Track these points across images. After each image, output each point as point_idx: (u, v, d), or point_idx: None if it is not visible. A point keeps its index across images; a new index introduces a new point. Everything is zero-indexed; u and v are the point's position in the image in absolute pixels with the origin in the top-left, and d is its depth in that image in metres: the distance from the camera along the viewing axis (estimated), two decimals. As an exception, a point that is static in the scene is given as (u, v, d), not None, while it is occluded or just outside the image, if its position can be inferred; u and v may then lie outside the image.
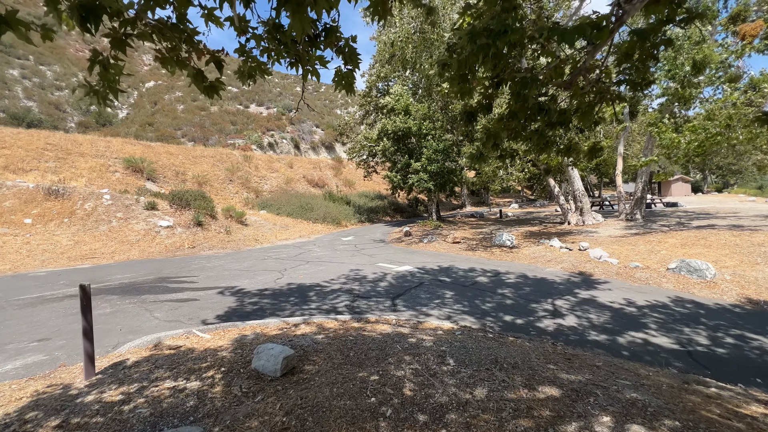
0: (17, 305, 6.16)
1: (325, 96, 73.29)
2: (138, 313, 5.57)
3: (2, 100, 40.65)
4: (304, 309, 5.87)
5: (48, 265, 10.08)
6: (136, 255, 11.66)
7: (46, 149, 18.48)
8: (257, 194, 24.43)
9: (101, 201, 14.13)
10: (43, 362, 3.82)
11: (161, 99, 53.58)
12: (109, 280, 8.08)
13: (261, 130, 46.02)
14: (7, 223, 12.08)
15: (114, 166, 19.59)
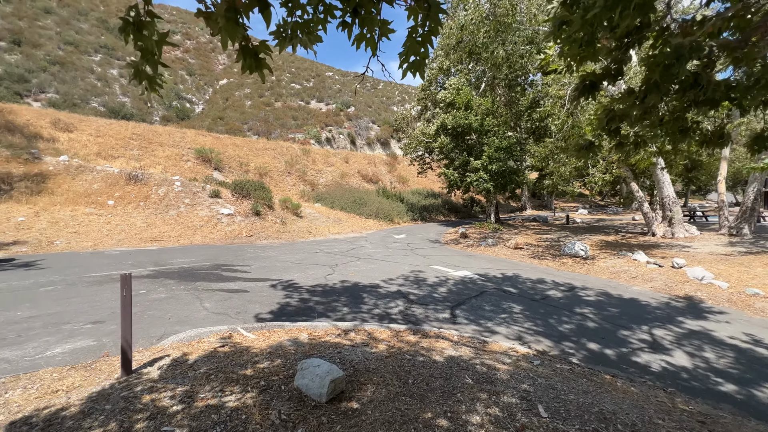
0: (87, 282, 6.45)
1: (383, 93, 73.47)
2: (189, 302, 5.47)
3: (103, 96, 46.13)
4: (355, 312, 5.38)
5: (122, 244, 10.82)
6: (198, 240, 12.16)
7: (132, 138, 20.31)
8: (313, 187, 24.85)
9: (173, 187, 15.06)
10: (90, 348, 3.71)
11: (232, 95, 57.37)
12: (170, 264, 8.33)
13: (320, 125, 47.20)
14: (94, 203, 13.29)
15: (187, 155, 21.00)
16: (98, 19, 59.64)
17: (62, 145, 16.97)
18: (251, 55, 1.98)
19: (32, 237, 10.30)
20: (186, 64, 65.14)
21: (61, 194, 13.23)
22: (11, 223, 10.75)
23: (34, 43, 47.11)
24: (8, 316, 4.66)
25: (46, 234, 10.64)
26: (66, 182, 13.90)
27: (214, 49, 74.48)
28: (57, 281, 6.48)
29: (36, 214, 11.61)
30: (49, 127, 17.85)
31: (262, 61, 2.02)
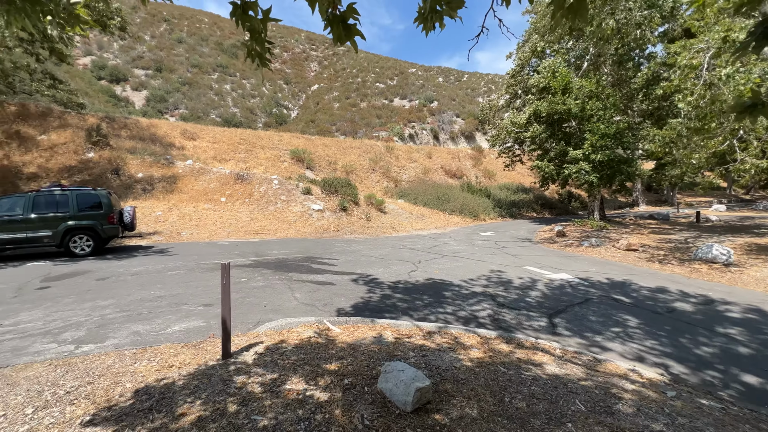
0: (202, 269, 7.37)
1: (467, 85, 70.81)
2: (282, 291, 5.82)
3: (219, 108, 53.48)
4: (439, 312, 5.10)
5: (231, 236, 12.26)
6: (292, 234, 13.15)
7: (239, 143, 23.03)
8: (396, 183, 25.09)
9: (271, 185, 16.59)
10: (200, 329, 4.13)
11: (322, 99, 61.39)
12: (268, 255, 9.10)
13: (403, 122, 47.55)
14: (210, 200, 15.36)
15: (283, 156, 23.01)
16: (216, 43, 69.27)
17: (188, 151, 20.03)
18: (338, 22, 1.86)
19: (166, 228, 12.31)
20: (284, 74, 71.78)
21: (187, 192, 15.59)
22: (152, 217, 13.01)
23: (170, 68, 56.82)
24: (144, 294, 5.51)
25: (176, 226, 12.62)
26: (190, 182, 16.34)
27: (307, 58, 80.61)
28: (180, 267, 7.55)
29: (169, 210, 13.87)
30: (179, 137, 21.24)
31: (352, 27, 1.88)
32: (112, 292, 5.65)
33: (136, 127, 20.48)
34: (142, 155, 17.17)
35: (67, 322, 4.33)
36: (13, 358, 3.37)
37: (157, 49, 60.05)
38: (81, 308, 4.84)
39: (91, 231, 8.70)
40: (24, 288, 5.89)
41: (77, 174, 15.33)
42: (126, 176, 15.81)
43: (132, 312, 4.70)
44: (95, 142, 17.13)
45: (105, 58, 53.89)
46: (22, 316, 4.53)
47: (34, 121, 17.82)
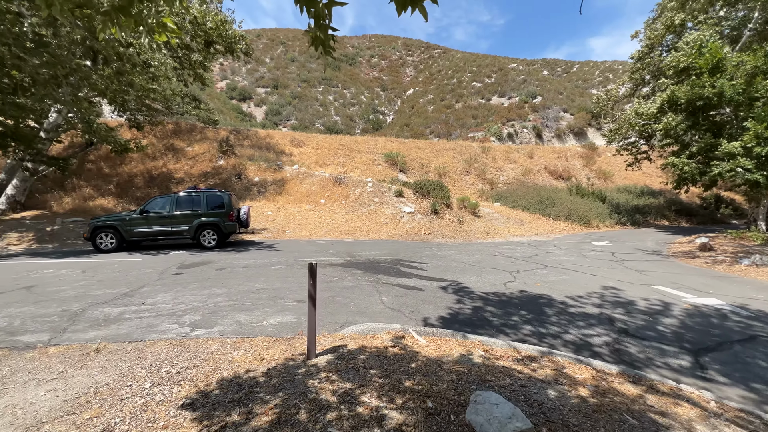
0: (300, 265, 7.87)
1: (578, 76, 63.39)
2: (370, 293, 5.79)
3: (323, 117, 58.31)
4: (542, 332, 4.41)
5: (328, 235, 13.01)
6: (384, 235, 13.34)
7: (339, 149, 24.58)
8: (492, 186, 23.67)
9: (366, 188, 17.19)
10: (291, 325, 4.29)
11: (417, 103, 61.97)
12: (359, 255, 9.32)
13: (501, 121, 44.92)
14: (311, 201, 16.63)
15: (377, 160, 23.75)
16: (327, 63, 75.67)
17: (295, 157, 22.13)
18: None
19: (274, 226, 13.70)
20: (381, 81, 74.72)
21: (293, 194, 17.18)
22: (263, 216, 14.64)
23: (284, 85, 64.19)
24: (250, 286, 6.07)
25: (282, 224, 13.96)
26: (296, 185, 17.96)
27: (403, 64, 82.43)
28: (282, 262, 8.20)
29: (278, 209, 15.45)
30: (288, 144, 23.64)
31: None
32: (225, 282, 6.37)
33: (255, 137, 23.49)
34: (258, 161, 19.55)
35: (189, 306, 4.97)
36: (146, 334, 3.95)
37: (275, 69, 68.48)
38: (201, 294, 5.53)
39: (216, 227, 10.14)
40: (165, 272, 7.07)
41: (210, 178, 18.21)
42: (246, 180, 18.17)
43: (238, 302, 5.18)
44: (224, 151, 20.15)
45: (236, 81, 63.61)
46: (159, 297, 5.37)
47: (183, 136, 21.83)
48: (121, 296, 5.42)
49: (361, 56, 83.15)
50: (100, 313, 4.64)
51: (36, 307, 4.86)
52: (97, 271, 7.20)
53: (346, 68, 76.33)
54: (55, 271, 7.22)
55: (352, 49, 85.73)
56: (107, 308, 4.84)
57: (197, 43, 16.07)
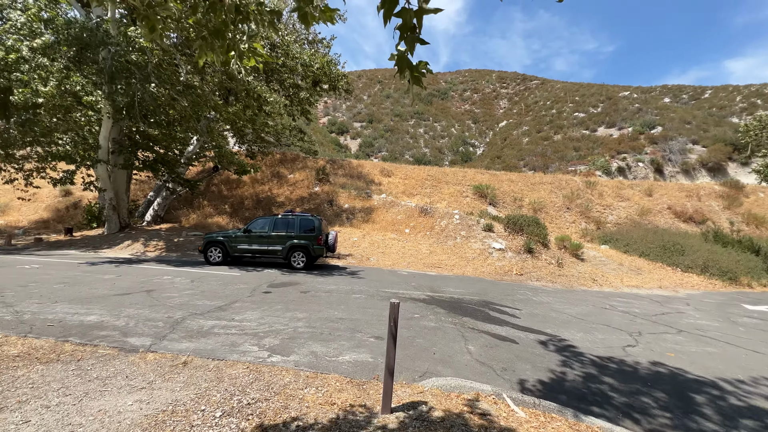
0: (380, 296, 7.59)
1: (711, 102, 54.05)
2: (454, 338, 5.15)
3: (413, 149, 59.86)
4: (691, 428, 3.24)
5: (410, 266, 12.63)
6: (470, 272, 12.43)
7: (426, 179, 24.55)
8: (598, 225, 20.78)
9: (452, 220, 16.55)
10: (367, 365, 3.92)
11: (510, 135, 59.68)
12: (443, 291, 8.68)
13: (609, 153, 40.22)
14: (396, 231, 16.59)
15: (466, 192, 22.97)
16: (415, 94, 79.02)
17: (383, 186, 22.71)
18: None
19: (358, 253, 13.89)
20: (472, 114, 74.39)
21: (379, 222, 17.41)
22: (349, 242, 15.03)
23: (378, 119, 68.26)
24: (330, 314, 5.96)
25: (366, 252, 14.09)
26: (382, 213, 18.23)
27: (497, 96, 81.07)
28: (363, 291, 8.04)
29: (363, 236, 15.74)
30: (378, 174, 24.48)
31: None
32: (307, 306, 6.39)
33: (348, 166, 24.93)
34: (349, 189, 20.52)
35: (271, 327, 5.00)
36: (228, 353, 3.99)
37: (371, 105, 73.56)
38: (283, 317, 5.58)
39: (305, 249, 10.61)
40: (256, 290, 7.47)
41: (306, 203, 19.63)
42: (336, 206, 19.13)
43: (316, 330, 5.05)
44: (320, 179, 21.70)
45: (336, 116, 69.95)
46: (246, 314, 5.57)
47: (288, 164, 24.27)
48: (216, 309, 5.77)
49: (453, 90, 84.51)
50: (196, 324, 4.93)
51: (149, 311, 5.42)
52: (203, 282, 7.96)
53: (437, 102, 78.17)
54: (171, 278, 8.22)
55: (445, 84, 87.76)
56: (202, 320, 5.14)
57: (306, 82, 17.97)
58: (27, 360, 3.53)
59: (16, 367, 3.36)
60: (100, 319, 4.89)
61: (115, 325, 4.68)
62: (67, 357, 3.66)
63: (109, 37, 9.91)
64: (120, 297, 6.18)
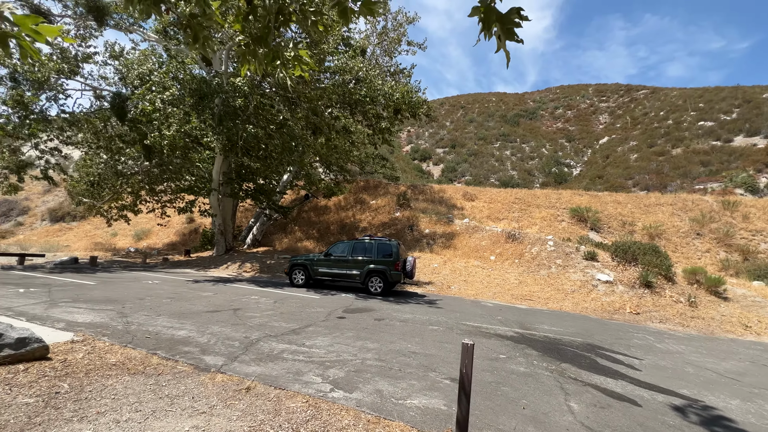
0: (460, 330, 6.83)
1: None
2: (551, 390, 4.20)
3: (498, 172, 57.20)
4: None
5: (496, 297, 11.44)
6: (568, 307, 10.72)
7: (514, 202, 22.82)
8: (745, 256, 16.49)
9: (545, 247, 14.80)
10: (439, 413, 3.32)
11: (613, 152, 53.06)
12: (535, 329, 7.50)
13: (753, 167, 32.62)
14: (480, 257, 15.46)
15: (561, 215, 20.60)
16: (500, 116, 76.56)
17: (466, 211, 21.73)
18: None
19: (439, 280, 13.18)
20: (566, 132, 68.55)
21: (461, 248, 16.49)
22: (429, 268, 14.42)
23: (462, 144, 67.36)
24: (402, 346, 5.47)
25: (447, 279, 13.30)
26: (465, 239, 17.27)
27: (595, 111, 73.69)
28: (442, 323, 7.36)
29: (444, 263, 14.99)
30: (460, 198, 23.62)
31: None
32: (379, 336, 6.01)
33: (429, 191, 24.63)
34: (430, 214, 20.08)
35: (339, 357, 4.73)
36: (291, 382, 3.79)
37: (454, 131, 73.25)
38: (353, 346, 5.28)
39: (383, 275, 10.39)
40: (331, 314, 7.39)
41: (387, 228, 19.74)
42: (417, 231, 18.79)
43: (386, 364, 4.61)
44: (401, 204, 21.76)
45: (419, 144, 71.18)
46: (317, 340, 5.42)
47: (370, 191, 25.02)
48: (290, 332, 5.76)
49: (543, 109, 79.62)
50: (268, 347, 4.92)
51: (230, 330, 5.65)
52: (284, 303, 8.22)
53: (525, 123, 74.24)
54: (257, 298, 8.69)
55: (533, 104, 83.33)
56: (275, 342, 5.13)
57: (388, 111, 18.52)
58: (120, 369, 3.81)
59: (109, 376, 3.63)
60: (188, 335, 5.21)
61: (198, 342, 4.92)
62: (151, 370, 3.86)
63: (221, 86, 11.57)
64: (210, 314, 6.64)
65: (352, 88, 16.16)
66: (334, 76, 16.18)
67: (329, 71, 15.72)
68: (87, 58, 14.39)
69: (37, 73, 11.89)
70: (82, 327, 5.20)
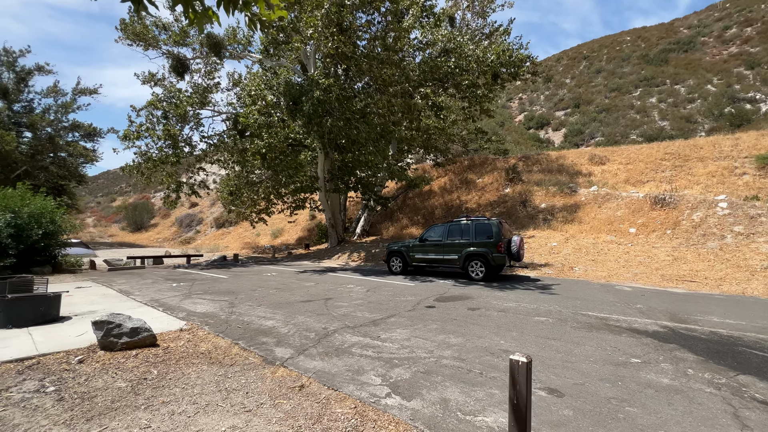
0: (576, 323, 5.44)
1: None
2: (714, 417, 2.78)
3: (640, 127, 46.75)
4: None
5: (637, 279, 9.03)
6: (757, 290, 7.69)
7: (663, 159, 18.03)
8: None
9: (714, 210, 11.12)
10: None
11: (833, 67, 37.26)
12: (696, 321, 5.47)
13: None
14: (614, 231, 12.61)
15: (741, 167, 15.28)
16: (639, 57, 62.36)
17: (595, 177, 18.15)
18: None
19: (558, 261, 11.22)
20: (745, 57, 51.37)
21: (587, 222, 13.79)
22: (546, 248, 12.44)
23: (587, 101, 57.42)
24: (492, 342, 4.58)
25: (568, 260, 11.23)
26: (592, 211, 14.40)
27: (795, 17, 53.09)
28: (552, 313, 6.04)
29: (565, 241, 12.75)
30: (586, 163, 19.91)
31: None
32: (468, 328, 5.20)
33: (546, 160, 21.52)
34: (546, 186, 17.48)
35: (411, 354, 4.18)
36: (347, 383, 3.42)
37: (576, 88, 63.00)
38: (433, 340, 4.65)
39: (483, 258, 9.29)
40: (420, 303, 6.86)
41: (496, 207, 18.02)
42: (531, 207, 16.58)
43: (465, 364, 3.85)
44: (511, 179, 19.58)
45: (533, 110, 63.74)
46: (395, 333, 4.98)
47: (476, 169, 23.33)
48: (370, 323, 5.47)
49: (704, 35, 61.51)
50: (340, 339, 4.72)
51: (313, 320, 5.69)
52: (376, 292, 8.07)
53: (677, 58, 58.61)
54: (353, 287, 8.78)
55: (688, 31, 65.08)
56: (349, 335, 4.90)
57: (486, 77, 16.64)
58: (203, 358, 4.10)
59: (192, 364, 3.92)
60: (274, 325, 5.43)
61: (279, 332, 5.05)
62: (228, 360, 4.03)
63: (308, 85, 12.12)
64: (303, 304, 6.91)
65: (439, 60, 15.04)
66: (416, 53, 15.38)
67: (412, 48, 14.94)
68: (212, 89, 17.08)
69: (179, 109, 14.69)
70: (196, 316, 5.96)
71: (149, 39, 15.73)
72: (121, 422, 2.74)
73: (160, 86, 16.90)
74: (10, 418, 2.81)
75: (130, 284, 9.68)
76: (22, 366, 3.82)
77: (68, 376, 3.58)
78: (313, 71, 14.53)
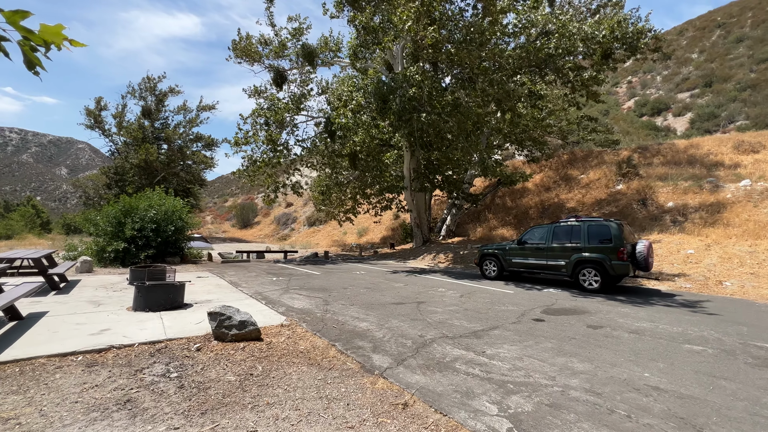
0: (751, 357, 4.10)
1: None
2: None
3: (806, 104, 36.64)
4: None
5: (832, 304, 6.73)
6: None
7: None
8: None
9: None
10: None
11: None
12: None
13: None
14: (782, 237, 9.80)
15: None
16: (802, 15, 49.23)
17: (744, 169, 14.56)
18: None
19: (698, 273, 9.10)
20: None
21: (739, 225, 11.01)
22: (680, 255, 10.24)
23: (723, 77, 47.29)
24: (634, 374, 3.66)
25: (714, 271, 9.03)
26: (746, 211, 11.48)
27: None
28: (708, 340, 4.72)
29: (706, 247, 10.33)
30: (730, 152, 16.16)
31: None
32: (595, 352, 4.31)
33: (670, 151, 18.08)
34: (674, 181, 14.59)
35: (528, 378, 3.53)
36: (455, 406, 2.96)
37: (706, 63, 52.40)
38: (551, 363, 3.92)
39: (599, 265, 7.92)
40: (525, 315, 6.04)
41: (606, 206, 15.68)
42: (653, 206, 13.99)
43: (603, 400, 3.08)
44: (624, 174, 16.88)
45: (647, 95, 54.87)
46: (502, 349, 4.35)
47: (578, 164, 20.74)
48: (470, 334, 4.93)
49: None
50: (441, 351, 4.28)
51: (408, 325, 5.35)
52: (471, 298, 7.44)
53: None
54: (444, 291, 8.27)
55: None
56: (449, 346, 4.43)
57: (596, 57, 14.55)
58: (302, 358, 4.05)
59: (292, 363, 3.89)
60: (368, 327, 5.24)
61: (374, 336, 4.82)
62: (326, 363, 3.91)
63: (397, 82, 11.97)
64: (394, 306, 6.65)
65: (538, 43, 13.56)
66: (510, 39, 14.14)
67: (505, 35, 13.75)
68: (306, 96, 18.21)
69: (277, 115, 15.99)
70: (294, 312, 6.12)
71: (253, 54, 17.40)
72: (230, 420, 2.72)
73: (262, 98, 18.64)
74: (141, 401, 3.01)
75: (238, 276, 10.66)
76: (153, 348, 4.22)
77: (188, 363, 3.81)
78: (400, 69, 14.38)
